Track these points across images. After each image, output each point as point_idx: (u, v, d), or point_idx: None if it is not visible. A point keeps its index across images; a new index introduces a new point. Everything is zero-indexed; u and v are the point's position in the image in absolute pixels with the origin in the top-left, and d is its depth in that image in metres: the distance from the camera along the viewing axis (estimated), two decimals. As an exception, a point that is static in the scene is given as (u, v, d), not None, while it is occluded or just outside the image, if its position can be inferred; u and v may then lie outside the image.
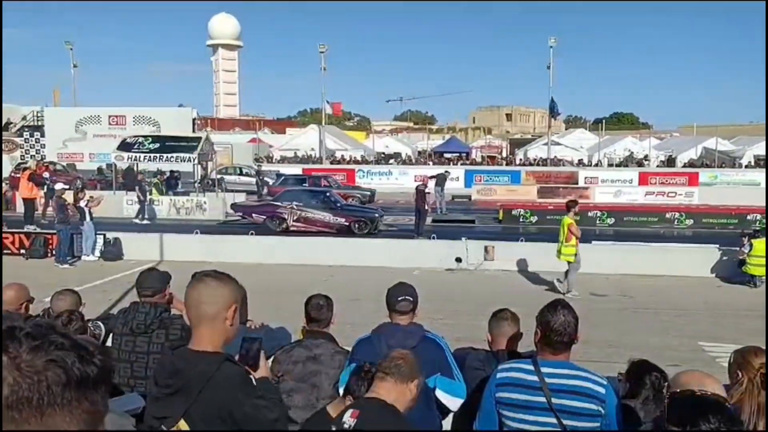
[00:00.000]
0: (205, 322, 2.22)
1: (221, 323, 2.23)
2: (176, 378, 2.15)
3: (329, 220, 19.47)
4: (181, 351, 2.26)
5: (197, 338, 2.23)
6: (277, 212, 19.81)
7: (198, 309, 2.23)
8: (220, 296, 2.24)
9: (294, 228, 19.36)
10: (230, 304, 2.25)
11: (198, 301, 2.24)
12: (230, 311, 2.25)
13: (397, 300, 3.60)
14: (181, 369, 2.16)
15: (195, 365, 2.15)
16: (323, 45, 44.93)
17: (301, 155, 49.51)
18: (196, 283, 2.28)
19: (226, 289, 2.27)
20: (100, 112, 41.43)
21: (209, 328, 2.22)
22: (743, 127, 72.00)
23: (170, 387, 2.16)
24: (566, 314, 2.83)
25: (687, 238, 19.42)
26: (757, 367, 3.11)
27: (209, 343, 2.20)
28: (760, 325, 9.71)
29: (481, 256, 13.98)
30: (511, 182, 38.10)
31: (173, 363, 2.21)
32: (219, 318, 2.22)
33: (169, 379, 2.18)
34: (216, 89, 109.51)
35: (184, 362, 2.17)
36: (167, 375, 2.20)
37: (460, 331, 7.60)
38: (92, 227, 14.86)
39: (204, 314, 2.22)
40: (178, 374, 2.16)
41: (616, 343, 8.43)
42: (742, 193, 30.71)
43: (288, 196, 20.74)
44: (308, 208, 19.73)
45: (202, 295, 2.24)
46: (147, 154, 24.28)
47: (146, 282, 4.22)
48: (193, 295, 2.26)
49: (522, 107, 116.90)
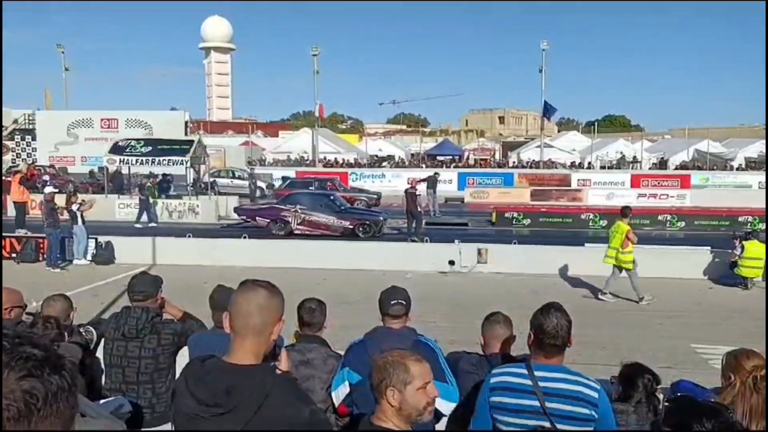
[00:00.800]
0: (253, 334, 2.12)
1: (267, 336, 2.15)
2: (231, 396, 2.02)
3: (333, 224, 19.39)
4: (221, 365, 2.12)
5: (240, 349, 2.12)
6: (281, 215, 19.73)
7: (247, 319, 2.12)
8: (272, 308, 2.17)
9: (298, 231, 19.29)
10: (279, 318, 2.19)
11: (248, 312, 2.13)
12: (277, 326, 2.18)
13: (390, 304, 3.60)
14: (235, 386, 2.03)
15: (250, 380, 2.04)
16: (316, 48, 44.96)
17: (294, 158, 49.45)
18: (248, 292, 2.17)
19: (277, 301, 2.19)
20: (92, 115, 41.34)
21: (255, 340, 2.13)
22: (734, 129, 72.42)
23: (222, 406, 2.03)
24: (559, 317, 2.83)
25: (679, 240, 19.51)
26: (749, 369, 3.13)
27: (253, 356, 2.12)
28: (752, 326, 9.76)
29: (475, 259, 13.99)
30: (504, 185, 38.19)
31: (220, 379, 2.06)
32: (266, 331, 2.15)
33: (221, 397, 2.04)
34: (209, 92, 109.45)
35: (236, 378, 2.05)
36: (217, 392, 2.05)
37: (454, 334, 7.59)
38: (84, 231, 14.79)
39: (253, 325, 2.12)
40: (232, 391, 2.03)
41: (609, 345, 8.44)
42: (734, 195, 30.89)
43: (292, 199, 20.65)
44: (312, 211, 19.66)
45: (253, 306, 2.13)
46: (139, 158, 24.20)
47: (138, 286, 4.19)
48: (243, 305, 2.15)
49: (514, 110, 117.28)
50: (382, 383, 2.29)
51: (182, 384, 2.14)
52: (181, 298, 4.69)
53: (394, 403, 2.27)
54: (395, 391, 2.27)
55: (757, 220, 21.92)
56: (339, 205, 20.61)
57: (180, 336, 4.10)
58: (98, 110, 42.56)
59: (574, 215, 24.60)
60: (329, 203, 20.43)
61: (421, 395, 2.29)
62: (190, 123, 44.54)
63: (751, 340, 7.57)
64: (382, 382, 2.30)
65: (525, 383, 2.80)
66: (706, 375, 5.00)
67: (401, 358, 2.36)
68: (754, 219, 22.07)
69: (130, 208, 23.95)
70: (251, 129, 63.08)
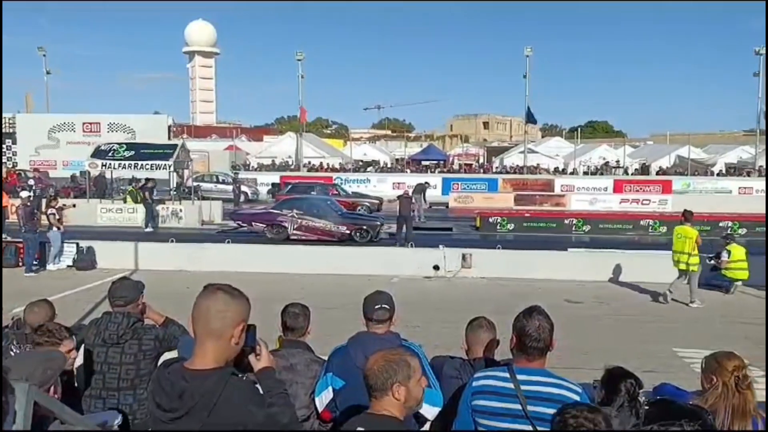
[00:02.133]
0: (212, 339, 2.13)
1: (227, 341, 2.15)
2: (183, 400, 2.05)
3: (330, 229, 19.30)
4: (179, 370, 2.14)
5: (201, 354, 2.13)
6: (277, 220, 19.61)
7: (206, 324, 2.13)
8: (230, 312, 2.15)
9: (295, 236, 19.20)
10: (239, 322, 2.17)
11: (207, 316, 2.13)
12: (238, 329, 2.17)
13: (374, 308, 3.58)
14: (187, 390, 2.05)
15: (201, 384, 2.06)
16: (300, 52, 45.00)
17: (279, 163, 49.31)
18: (207, 296, 2.17)
19: (237, 305, 2.17)
20: (74, 119, 41.00)
21: (215, 344, 2.13)
22: (714, 135, 73.41)
23: (177, 411, 2.06)
24: (541, 320, 2.84)
25: (661, 245, 19.68)
26: (730, 370, 3.16)
27: (213, 360, 2.12)
28: (733, 330, 9.88)
29: (459, 264, 14.02)
30: (488, 190, 38.39)
31: (175, 384, 2.09)
32: (226, 335, 2.14)
33: (175, 401, 2.07)
34: (192, 96, 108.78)
35: (188, 382, 2.07)
36: (172, 397, 2.08)
37: (438, 338, 7.59)
38: (59, 236, 14.57)
39: (212, 330, 2.12)
40: (184, 396, 2.05)
41: (591, 349, 8.48)
42: (715, 200, 31.24)
43: (288, 204, 20.55)
44: (309, 216, 19.56)
45: (212, 310, 2.13)
46: (122, 162, 24.01)
47: (119, 291, 4.14)
48: (202, 309, 2.15)
49: (499, 115, 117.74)
50: (388, 381, 2.38)
51: (149, 389, 2.21)
52: (164, 304, 4.64)
53: (400, 397, 2.37)
54: (401, 386, 2.37)
55: (737, 225, 22.24)
56: (336, 210, 20.54)
57: (161, 342, 4.06)
58: (80, 114, 42.17)
59: (557, 220, 24.79)
60: (326, 208, 20.34)
61: (419, 386, 2.44)
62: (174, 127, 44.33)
63: (732, 343, 7.65)
64: (387, 381, 2.38)
65: (507, 386, 2.80)
66: (687, 378, 5.04)
67: (399, 355, 2.47)
68: (734, 224, 22.39)
69: (113, 212, 23.76)
70: (235, 133, 62.81)
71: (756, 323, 10.36)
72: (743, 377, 3.13)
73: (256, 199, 36.04)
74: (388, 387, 2.37)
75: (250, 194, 35.43)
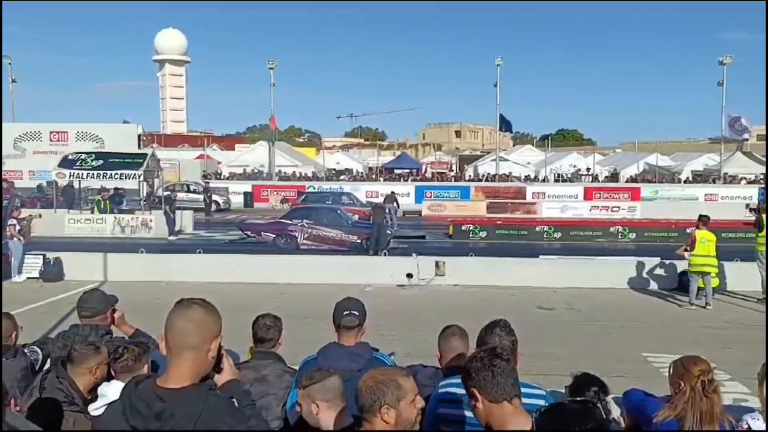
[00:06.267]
0: (189, 354, 2.06)
1: (204, 355, 2.09)
2: (162, 421, 1.96)
3: (341, 238, 19.13)
4: (153, 387, 2.03)
5: (176, 370, 2.05)
6: (287, 230, 19.40)
7: (182, 339, 2.06)
8: (207, 327, 2.10)
9: (305, 246, 19.01)
10: (215, 336, 2.13)
11: (183, 331, 2.07)
12: (215, 343, 2.12)
13: (343, 315, 3.53)
14: (166, 410, 1.97)
15: (180, 403, 1.98)
16: (273, 61, 44.75)
17: (251, 171, 48.99)
18: (182, 310, 2.10)
19: (212, 319, 2.12)
20: (41, 128, 40.29)
21: (191, 360, 2.06)
22: (681, 143, 75.04)
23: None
24: (503, 337, 2.86)
25: (630, 252, 19.99)
26: (696, 374, 3.20)
27: (189, 377, 2.05)
28: (701, 335, 10.05)
29: (432, 272, 14.05)
30: (461, 198, 38.58)
31: (151, 404, 1.99)
32: (203, 350, 2.08)
33: (153, 423, 1.97)
34: (163, 105, 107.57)
35: (166, 402, 1.98)
36: (148, 419, 1.98)
37: (411, 346, 7.58)
38: (20, 247, 14.25)
39: (189, 345, 2.06)
40: (163, 416, 1.97)
41: (563, 355, 8.55)
42: (682, 207, 31.81)
43: (298, 214, 20.34)
44: (319, 225, 19.36)
45: (188, 324, 2.07)
46: (90, 171, 23.62)
47: (86, 302, 4.07)
48: (177, 323, 2.08)
49: (471, 124, 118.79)
50: (376, 403, 2.27)
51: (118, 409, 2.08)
52: (134, 316, 4.56)
53: (389, 420, 2.26)
54: (390, 409, 2.26)
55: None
56: (345, 219, 20.37)
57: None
58: (47, 123, 41.45)
59: (529, 228, 25.03)
60: (336, 217, 20.17)
61: (412, 408, 2.31)
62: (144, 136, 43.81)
63: (700, 347, 7.80)
64: (375, 403, 2.27)
65: None
66: (657, 383, 5.11)
67: (389, 375, 2.35)
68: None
69: (81, 223, 23.36)
70: (207, 142, 62.34)
71: (726, 328, 10.59)
72: (709, 381, 3.18)
73: (228, 208, 35.73)
74: (376, 409, 2.27)
75: (221, 203, 35.12)
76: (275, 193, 39.19)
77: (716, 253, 12.19)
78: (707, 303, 11.97)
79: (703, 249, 12.13)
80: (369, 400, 2.28)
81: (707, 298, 12.03)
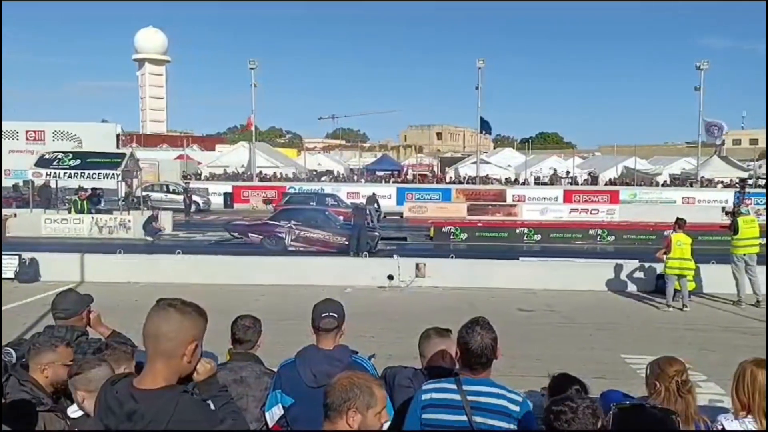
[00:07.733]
0: (162, 357, 2.04)
1: (178, 360, 2.06)
2: (133, 421, 1.96)
3: (329, 240, 19.05)
4: (127, 388, 2.03)
5: (151, 373, 2.04)
6: (275, 232, 19.27)
7: (157, 341, 2.04)
8: (182, 332, 2.06)
9: (292, 248, 18.90)
10: (191, 340, 2.08)
11: (156, 334, 2.04)
12: (190, 347, 2.08)
13: (321, 317, 3.50)
14: (138, 410, 1.96)
15: (152, 404, 1.97)
16: (254, 61, 44.46)
17: (231, 172, 48.69)
18: (158, 313, 2.08)
19: (189, 323, 2.08)
20: (17, 126, 39.62)
21: (166, 363, 2.05)
22: (659, 147, 75.97)
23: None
24: (484, 335, 2.86)
25: (609, 254, 20.16)
26: (671, 375, 3.24)
27: (163, 379, 2.03)
28: (678, 336, 10.16)
29: (413, 274, 14.05)
30: (442, 200, 38.71)
31: (124, 404, 1.99)
32: (177, 354, 2.06)
33: (124, 423, 1.98)
34: (142, 104, 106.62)
35: (138, 402, 1.98)
36: (120, 418, 1.98)
37: (392, 348, 7.58)
38: None
39: (162, 350, 2.04)
40: (134, 417, 1.96)
41: (542, 356, 8.60)
42: (660, 210, 32.19)
43: (286, 215, 20.22)
44: (307, 227, 19.27)
45: (162, 328, 2.04)
46: (67, 171, 23.30)
47: (61, 304, 4.01)
48: (152, 327, 2.06)
49: (452, 126, 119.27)
50: (345, 404, 2.25)
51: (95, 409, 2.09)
52: (111, 317, 4.50)
53: (353, 424, 2.24)
54: (357, 414, 2.24)
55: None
56: (333, 221, 20.32)
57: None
58: (24, 121, 40.82)
59: (509, 230, 25.16)
60: (324, 219, 20.11)
61: (377, 420, 2.30)
62: (122, 136, 43.32)
63: (676, 348, 7.88)
64: (344, 403, 2.25)
65: (455, 398, 2.82)
66: (635, 385, 5.16)
67: (366, 381, 2.34)
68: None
69: (57, 223, 23.04)
70: (187, 142, 61.82)
71: (705, 330, 10.72)
72: (683, 382, 3.21)
73: (207, 209, 35.46)
74: (343, 410, 2.25)
75: (201, 204, 34.85)
76: (256, 194, 39.05)
77: (692, 255, 12.34)
78: (684, 305, 12.12)
79: (680, 252, 12.27)
80: (339, 399, 2.27)
81: (684, 300, 12.18)
